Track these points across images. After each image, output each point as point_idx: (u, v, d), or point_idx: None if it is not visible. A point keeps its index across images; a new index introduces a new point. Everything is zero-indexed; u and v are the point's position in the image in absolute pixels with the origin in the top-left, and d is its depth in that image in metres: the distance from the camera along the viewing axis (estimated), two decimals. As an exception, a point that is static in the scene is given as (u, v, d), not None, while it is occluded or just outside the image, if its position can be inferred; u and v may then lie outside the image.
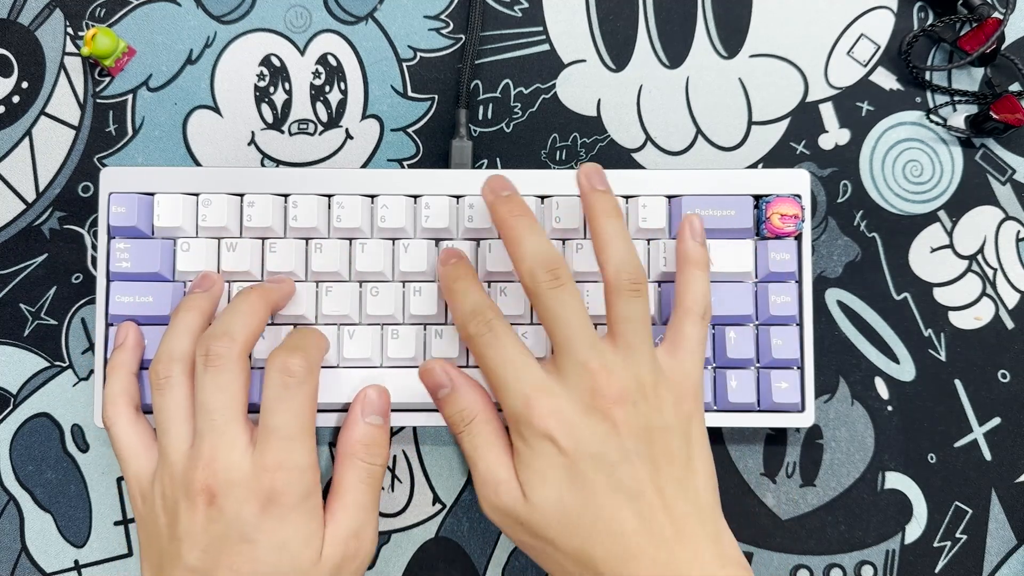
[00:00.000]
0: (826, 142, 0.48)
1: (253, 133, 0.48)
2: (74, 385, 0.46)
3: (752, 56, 0.49)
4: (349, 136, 0.48)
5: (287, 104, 0.48)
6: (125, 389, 0.41)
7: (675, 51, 0.49)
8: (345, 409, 0.43)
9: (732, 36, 0.49)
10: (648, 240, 0.44)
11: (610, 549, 0.36)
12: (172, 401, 0.39)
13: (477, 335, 0.39)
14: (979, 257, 0.48)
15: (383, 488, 0.46)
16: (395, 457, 0.46)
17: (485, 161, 0.48)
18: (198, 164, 0.47)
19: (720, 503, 0.38)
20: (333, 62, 0.48)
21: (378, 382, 0.42)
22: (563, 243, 0.44)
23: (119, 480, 0.46)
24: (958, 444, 0.46)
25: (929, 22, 0.49)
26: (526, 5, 0.49)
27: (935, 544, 0.46)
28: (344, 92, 0.48)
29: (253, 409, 0.40)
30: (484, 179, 0.41)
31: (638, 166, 0.48)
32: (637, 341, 0.38)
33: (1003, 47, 0.48)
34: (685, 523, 0.36)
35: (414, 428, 0.46)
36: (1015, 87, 0.48)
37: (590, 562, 0.36)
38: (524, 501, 0.37)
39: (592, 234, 0.40)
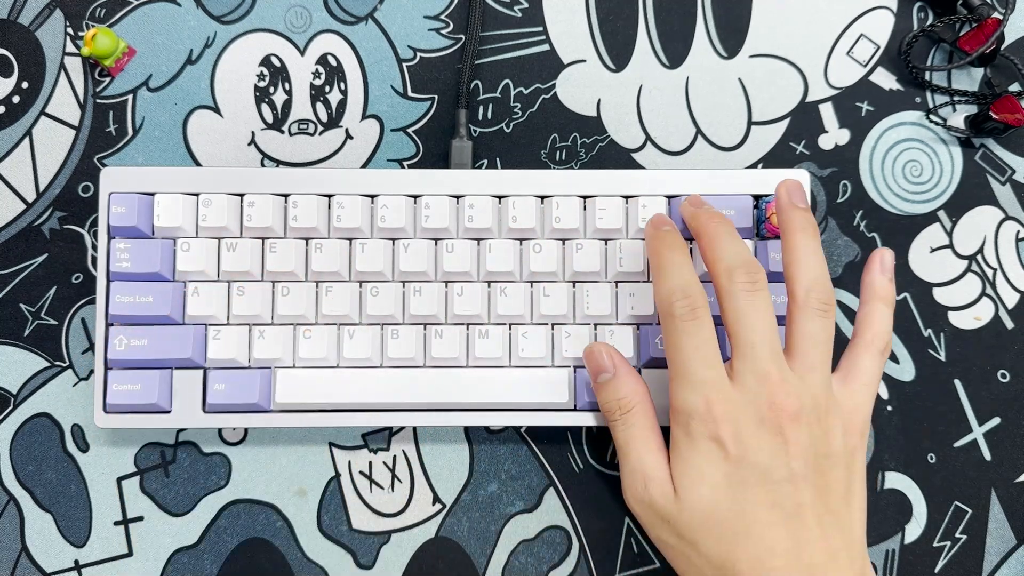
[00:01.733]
0: (826, 142, 0.48)
1: (253, 133, 0.48)
2: (74, 385, 0.46)
3: (752, 56, 0.49)
4: (349, 136, 0.48)
5: (287, 104, 0.48)
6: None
7: (675, 51, 0.49)
8: (344, 409, 0.43)
9: (732, 36, 0.49)
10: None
11: (755, 563, 0.36)
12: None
13: (680, 317, 0.38)
14: (979, 257, 0.48)
15: (382, 488, 0.46)
16: (395, 457, 0.46)
17: (485, 161, 0.48)
18: (198, 164, 0.47)
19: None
20: (333, 62, 0.48)
21: (378, 382, 0.42)
22: (563, 243, 0.44)
23: (119, 480, 0.46)
24: (958, 444, 0.46)
25: (929, 22, 0.49)
26: (526, 5, 0.49)
27: (935, 544, 0.46)
28: (344, 92, 0.48)
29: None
30: (683, 199, 0.42)
31: (638, 166, 0.48)
32: (817, 362, 0.38)
33: (1003, 47, 0.48)
34: (836, 556, 0.36)
35: (414, 428, 0.46)
36: (1015, 87, 0.48)
37: (731, 571, 0.36)
38: (675, 499, 0.37)
39: (784, 248, 0.39)
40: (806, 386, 0.37)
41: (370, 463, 0.46)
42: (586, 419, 0.43)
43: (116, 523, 0.45)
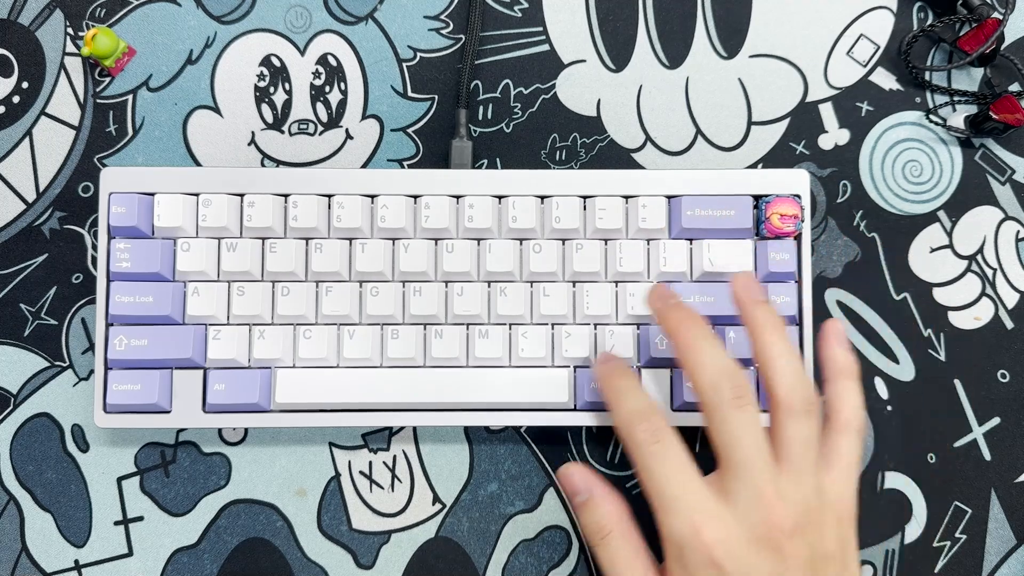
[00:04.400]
0: (826, 142, 0.48)
1: (253, 133, 0.48)
2: (74, 385, 0.46)
3: (752, 56, 0.49)
4: (349, 136, 0.48)
5: (287, 104, 0.48)
6: None
7: (675, 51, 0.49)
8: (344, 409, 0.43)
9: (732, 36, 0.49)
10: (648, 240, 0.44)
11: None
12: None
13: (645, 444, 0.37)
14: (979, 257, 0.48)
15: (382, 488, 0.46)
16: (395, 457, 0.46)
17: (485, 161, 0.48)
18: (198, 164, 0.47)
19: None
20: (333, 62, 0.48)
21: (378, 382, 0.42)
22: (563, 243, 0.44)
23: (119, 480, 0.46)
24: (958, 444, 0.46)
25: (929, 22, 0.49)
26: (526, 5, 0.49)
27: (935, 544, 0.46)
28: (344, 92, 0.48)
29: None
30: (649, 289, 0.41)
31: (638, 166, 0.48)
32: (806, 465, 0.37)
33: (1002, 47, 0.48)
34: None
35: (414, 428, 0.46)
36: (1015, 87, 0.48)
37: None
38: None
39: (756, 348, 0.38)
40: (798, 492, 0.36)
41: (370, 463, 0.46)
42: (586, 419, 0.43)
43: (116, 523, 0.45)
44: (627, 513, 0.39)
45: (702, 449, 0.45)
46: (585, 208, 0.44)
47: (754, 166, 0.48)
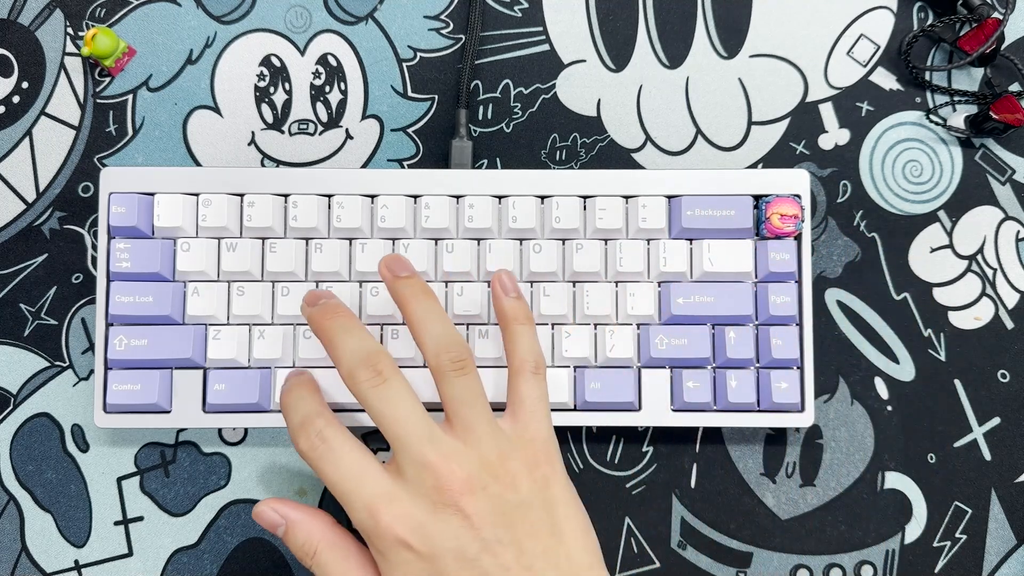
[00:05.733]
0: (826, 142, 0.48)
1: (253, 133, 0.48)
2: (74, 385, 0.46)
3: (752, 56, 0.49)
4: (349, 136, 0.48)
5: (287, 104, 0.48)
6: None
7: (675, 51, 0.49)
8: (345, 410, 0.43)
9: (732, 36, 0.49)
10: (648, 240, 0.44)
11: None
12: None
13: (310, 450, 0.37)
14: (979, 257, 0.48)
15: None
16: (395, 457, 0.46)
17: (485, 161, 0.48)
18: (198, 164, 0.47)
19: (601, 556, 0.38)
20: (333, 62, 0.48)
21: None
22: (563, 243, 0.44)
23: (119, 480, 0.46)
24: (958, 444, 0.46)
25: (929, 22, 0.49)
26: (526, 5, 0.49)
27: (935, 544, 0.46)
28: (344, 92, 0.48)
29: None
30: (303, 297, 0.41)
31: (638, 166, 0.48)
32: (474, 420, 0.37)
33: (1003, 47, 0.48)
34: None
35: (414, 428, 0.46)
36: (1015, 87, 0.48)
37: None
38: None
39: (406, 321, 0.39)
40: (469, 450, 0.36)
41: (370, 463, 0.46)
42: (586, 419, 0.43)
43: (116, 523, 0.45)
44: (330, 524, 0.38)
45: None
46: (585, 208, 0.44)
47: (754, 166, 0.48)
